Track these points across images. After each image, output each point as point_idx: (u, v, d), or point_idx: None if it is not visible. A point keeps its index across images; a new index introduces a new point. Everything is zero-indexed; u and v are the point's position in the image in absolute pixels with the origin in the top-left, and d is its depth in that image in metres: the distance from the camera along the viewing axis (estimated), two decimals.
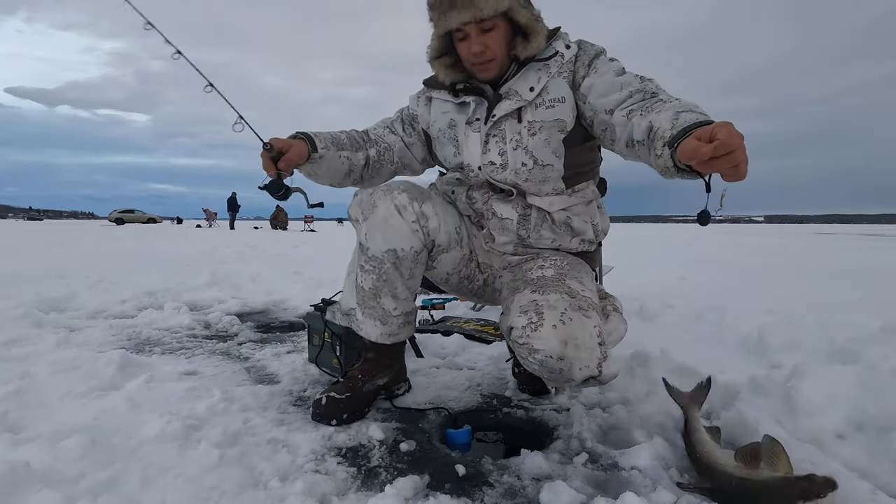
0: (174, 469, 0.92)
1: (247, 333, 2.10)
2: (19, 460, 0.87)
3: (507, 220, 1.24)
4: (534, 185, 1.21)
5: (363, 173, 1.34)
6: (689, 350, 1.70)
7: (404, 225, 1.17)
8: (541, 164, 1.18)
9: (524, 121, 1.18)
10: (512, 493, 0.90)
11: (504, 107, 1.18)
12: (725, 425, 1.12)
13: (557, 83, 1.17)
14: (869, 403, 1.07)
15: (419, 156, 1.39)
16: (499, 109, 1.18)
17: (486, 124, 1.20)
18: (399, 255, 1.19)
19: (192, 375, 1.51)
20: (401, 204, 1.17)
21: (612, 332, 1.12)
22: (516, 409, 1.28)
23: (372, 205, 1.18)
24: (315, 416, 1.18)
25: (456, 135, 1.26)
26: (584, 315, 1.01)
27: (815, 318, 2.09)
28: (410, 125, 1.38)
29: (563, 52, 1.18)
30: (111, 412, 1.17)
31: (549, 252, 1.25)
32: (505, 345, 1.79)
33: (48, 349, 1.70)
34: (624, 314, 1.20)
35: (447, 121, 1.27)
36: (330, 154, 1.25)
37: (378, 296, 1.24)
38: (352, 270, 1.32)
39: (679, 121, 0.86)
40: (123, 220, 31.79)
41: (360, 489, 0.91)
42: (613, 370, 1.02)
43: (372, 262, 1.21)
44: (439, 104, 1.30)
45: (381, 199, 1.18)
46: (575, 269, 1.17)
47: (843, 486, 0.85)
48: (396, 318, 1.26)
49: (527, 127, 1.17)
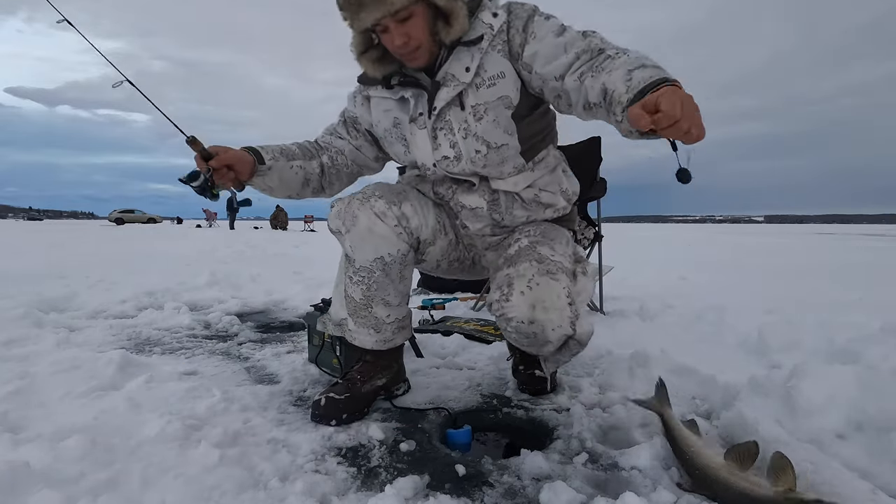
0: (174, 469, 0.92)
1: (247, 333, 2.10)
2: (19, 460, 0.87)
3: (477, 210, 1.24)
4: (493, 168, 1.19)
5: (322, 182, 1.33)
6: (689, 350, 1.70)
7: (387, 230, 1.16)
8: (495, 146, 1.15)
9: (467, 107, 1.14)
10: (512, 493, 0.90)
11: (443, 96, 1.14)
12: (725, 425, 1.12)
13: (493, 58, 1.13)
14: (869, 403, 1.06)
15: (371, 155, 1.37)
16: (439, 100, 1.14)
17: (430, 118, 1.17)
18: (387, 262, 1.19)
19: (192, 375, 1.51)
20: (380, 211, 1.16)
21: (582, 292, 1.12)
22: (516, 409, 1.28)
23: (352, 216, 1.16)
24: (314, 416, 1.18)
25: (403, 133, 1.23)
26: (552, 278, 1.03)
27: (815, 318, 2.09)
28: (354, 128, 1.35)
29: (491, 23, 1.12)
30: (111, 412, 1.17)
31: (524, 225, 1.26)
32: (505, 345, 1.79)
33: (48, 349, 1.70)
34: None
35: (391, 120, 1.24)
36: (279, 165, 1.24)
37: (370, 305, 1.24)
38: (340, 281, 1.32)
39: (633, 82, 0.86)
40: (123, 220, 31.80)
41: (360, 489, 0.91)
42: (588, 328, 1.05)
43: (361, 273, 1.21)
44: (378, 102, 1.25)
45: (360, 209, 1.16)
46: (548, 236, 1.18)
47: (843, 486, 0.86)
48: (390, 324, 1.27)
49: (471, 112, 1.14)
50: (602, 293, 2.50)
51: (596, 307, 2.49)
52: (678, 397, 1.31)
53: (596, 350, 1.77)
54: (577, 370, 1.59)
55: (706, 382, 1.35)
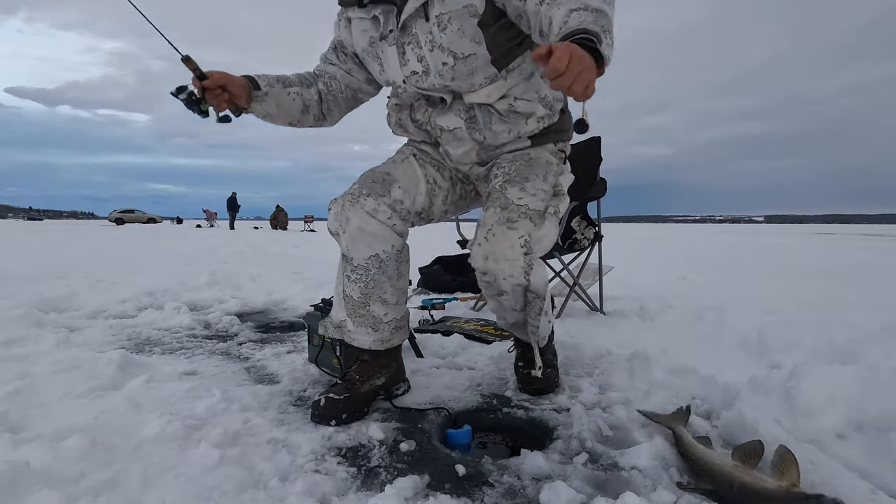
0: (174, 469, 0.92)
1: (247, 333, 2.10)
2: (19, 460, 0.87)
3: (456, 130, 1.24)
4: (463, 81, 1.16)
5: (321, 108, 1.35)
6: (689, 350, 1.70)
7: (380, 227, 1.19)
8: (462, 56, 1.12)
9: (431, 17, 1.11)
10: (512, 493, 0.90)
11: (409, 8, 1.11)
12: (725, 425, 1.12)
13: None
14: (869, 403, 1.06)
15: (362, 77, 1.36)
16: (405, 13, 1.12)
17: (399, 33, 1.15)
18: (382, 259, 1.22)
19: (192, 375, 1.51)
20: (371, 208, 1.19)
21: (543, 238, 1.11)
22: (516, 409, 1.28)
23: (346, 218, 1.20)
24: (314, 417, 1.18)
25: (377, 52, 1.22)
26: (509, 227, 1.05)
27: (815, 318, 2.09)
28: (342, 52, 1.35)
29: None
30: (111, 412, 1.17)
31: (506, 155, 1.26)
32: (505, 345, 1.79)
33: (48, 349, 1.70)
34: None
35: (367, 39, 1.23)
36: (276, 91, 1.25)
37: (367, 303, 1.26)
38: (339, 282, 1.33)
39: (567, 24, 0.86)
40: (123, 220, 31.80)
41: (360, 489, 0.91)
42: (542, 278, 1.08)
43: (358, 272, 1.24)
44: (357, 23, 1.25)
45: (351, 210, 1.19)
46: (522, 174, 1.18)
47: (843, 486, 0.86)
48: (388, 324, 1.29)
49: (436, 23, 1.11)
50: (602, 293, 2.50)
51: (596, 307, 2.49)
52: (678, 397, 1.31)
53: (596, 350, 1.77)
54: (577, 370, 1.59)
55: (706, 382, 1.35)
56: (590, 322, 2.18)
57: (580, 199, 2.29)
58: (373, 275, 1.23)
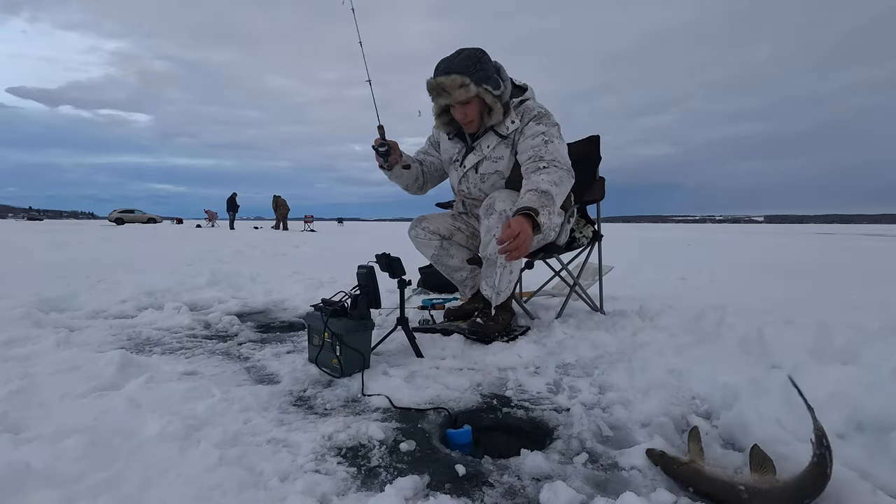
0: (174, 469, 0.92)
1: (247, 333, 2.10)
2: (19, 460, 0.87)
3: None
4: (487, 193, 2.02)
5: (424, 179, 2.17)
6: (689, 350, 1.70)
7: (425, 240, 2.15)
8: (491, 189, 1.99)
9: (479, 172, 2.00)
10: (512, 493, 0.90)
11: (470, 160, 2.00)
12: (725, 425, 1.12)
13: (501, 148, 1.93)
14: (869, 403, 1.06)
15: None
16: (468, 161, 2.00)
17: (461, 167, 2.03)
18: (433, 254, 2.16)
19: (192, 375, 1.51)
20: (419, 231, 2.16)
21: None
22: (516, 409, 1.28)
23: (414, 236, 2.17)
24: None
25: (450, 166, 2.14)
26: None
27: (815, 318, 2.08)
28: (437, 149, 2.20)
29: (509, 126, 1.90)
30: (111, 412, 1.17)
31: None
32: (505, 344, 1.79)
33: (48, 349, 1.70)
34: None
35: (449, 156, 2.12)
36: (414, 167, 2.09)
37: (451, 276, 2.21)
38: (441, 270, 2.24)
39: (522, 200, 1.61)
40: (123, 219, 31.78)
41: (360, 489, 0.91)
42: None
43: (433, 261, 2.21)
44: (447, 143, 2.11)
45: (413, 231, 2.17)
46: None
47: (843, 486, 0.86)
48: (462, 282, 2.22)
49: (480, 178, 2.01)
50: (602, 293, 2.50)
51: (596, 307, 2.49)
52: (678, 397, 1.31)
53: (596, 350, 1.77)
54: (576, 370, 1.59)
55: (706, 382, 1.35)
56: (590, 322, 2.18)
57: (579, 200, 2.29)
58: (440, 261, 2.20)
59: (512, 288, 1.96)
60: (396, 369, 1.55)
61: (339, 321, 1.52)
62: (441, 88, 1.79)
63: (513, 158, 1.91)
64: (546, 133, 1.80)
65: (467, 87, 1.76)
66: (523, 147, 1.83)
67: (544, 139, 1.78)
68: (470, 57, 1.78)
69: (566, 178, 1.74)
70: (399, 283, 1.74)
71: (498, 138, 1.90)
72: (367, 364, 1.54)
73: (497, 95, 1.83)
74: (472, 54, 1.79)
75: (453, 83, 1.76)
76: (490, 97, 1.81)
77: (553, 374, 1.55)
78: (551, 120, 1.87)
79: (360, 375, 1.46)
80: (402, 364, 1.62)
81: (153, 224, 29.50)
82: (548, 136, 1.80)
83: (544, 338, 1.93)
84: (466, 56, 1.78)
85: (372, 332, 1.59)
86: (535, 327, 2.09)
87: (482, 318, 1.91)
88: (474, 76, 1.77)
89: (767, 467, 0.88)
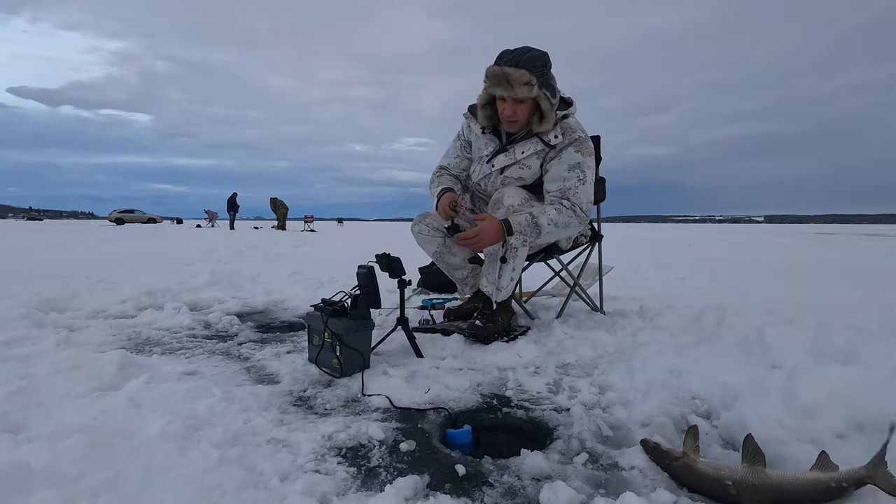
0: (174, 469, 0.92)
1: (247, 333, 2.10)
2: (19, 460, 0.87)
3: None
4: None
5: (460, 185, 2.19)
6: (689, 350, 1.70)
7: (428, 236, 2.12)
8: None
9: (504, 174, 1.94)
10: (512, 493, 0.90)
11: (500, 161, 1.93)
12: (725, 425, 1.12)
13: (533, 159, 1.89)
14: (869, 403, 1.06)
15: (468, 164, 2.17)
16: (497, 161, 1.93)
17: (488, 164, 1.96)
18: (436, 250, 2.14)
19: (192, 375, 1.51)
20: (421, 227, 2.12)
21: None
22: (516, 409, 1.28)
23: (417, 232, 2.14)
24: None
25: (477, 160, 2.06)
26: None
27: (815, 318, 2.08)
28: (467, 148, 2.11)
29: (551, 139, 1.83)
30: (111, 412, 1.17)
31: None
32: (505, 345, 1.79)
33: (48, 349, 1.70)
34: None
35: (479, 147, 2.04)
36: (458, 188, 2.08)
37: (452, 274, 2.21)
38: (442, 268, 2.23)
39: (515, 213, 1.75)
40: (123, 220, 31.78)
41: (360, 489, 0.91)
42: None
43: (434, 258, 2.19)
44: (481, 138, 2.01)
45: (414, 227, 2.15)
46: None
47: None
48: (462, 280, 2.21)
49: (503, 180, 1.95)
50: (602, 293, 2.50)
51: (596, 307, 2.49)
52: (678, 397, 1.31)
53: (596, 350, 1.77)
54: (576, 370, 1.59)
55: (706, 382, 1.35)
56: (590, 322, 2.18)
57: None
58: (441, 259, 2.20)
59: (513, 286, 1.94)
60: (396, 369, 1.55)
61: (339, 321, 1.52)
62: (506, 79, 1.71)
63: (539, 171, 1.89)
64: (582, 165, 1.79)
65: (531, 86, 1.70)
66: (556, 170, 1.81)
67: (579, 178, 1.78)
68: (539, 58, 1.74)
69: (573, 226, 1.78)
70: (399, 283, 1.74)
71: (539, 146, 1.84)
72: (367, 364, 1.54)
73: (553, 104, 1.80)
74: (542, 56, 1.75)
75: (520, 77, 1.69)
76: (546, 103, 1.77)
77: (553, 374, 1.55)
78: (589, 148, 1.84)
79: (360, 375, 1.46)
80: (402, 364, 1.62)
81: (153, 224, 29.49)
82: (583, 175, 1.78)
83: (544, 338, 1.93)
84: (536, 56, 1.74)
85: (372, 332, 1.59)
86: (535, 327, 2.09)
87: (481, 321, 1.90)
88: (540, 78, 1.73)
89: (758, 459, 0.88)
